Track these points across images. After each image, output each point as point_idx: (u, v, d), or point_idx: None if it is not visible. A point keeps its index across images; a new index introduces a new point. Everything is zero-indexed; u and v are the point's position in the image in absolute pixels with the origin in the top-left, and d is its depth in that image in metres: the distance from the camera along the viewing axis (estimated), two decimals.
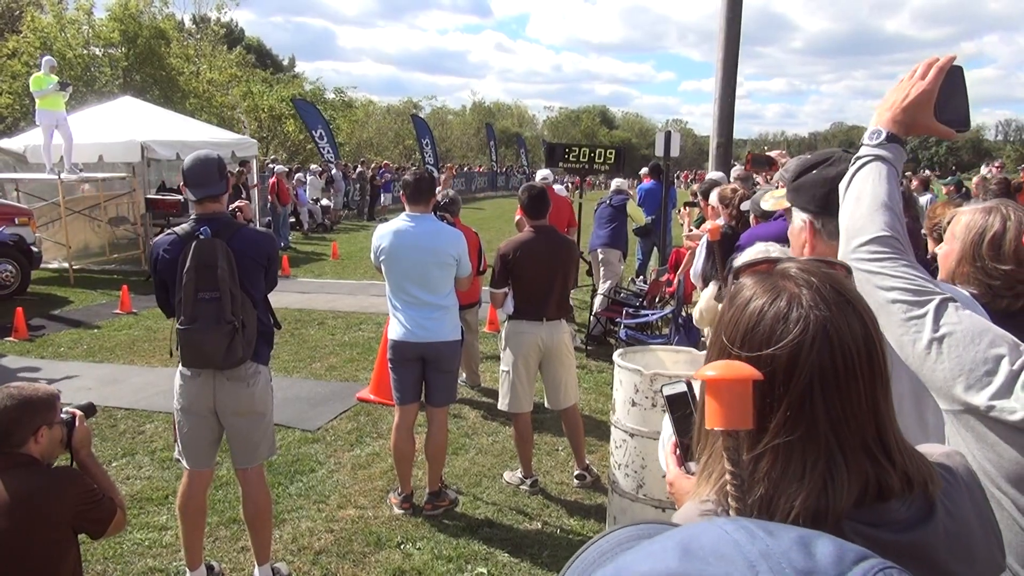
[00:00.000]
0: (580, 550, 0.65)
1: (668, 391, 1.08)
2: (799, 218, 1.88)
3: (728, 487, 0.80)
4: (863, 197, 1.50)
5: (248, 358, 3.47)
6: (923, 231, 3.92)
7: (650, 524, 0.65)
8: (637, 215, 9.59)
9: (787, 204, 1.98)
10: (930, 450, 1.01)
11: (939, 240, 2.49)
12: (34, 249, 10.99)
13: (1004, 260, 1.84)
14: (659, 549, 0.54)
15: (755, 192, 4.54)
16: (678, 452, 1.13)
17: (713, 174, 8.21)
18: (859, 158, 1.55)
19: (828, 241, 1.81)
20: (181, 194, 13.19)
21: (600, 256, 9.08)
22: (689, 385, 1.05)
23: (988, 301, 1.78)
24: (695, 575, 0.51)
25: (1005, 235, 1.85)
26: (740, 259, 3.09)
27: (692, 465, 1.10)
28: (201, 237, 3.38)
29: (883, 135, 1.53)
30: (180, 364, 3.53)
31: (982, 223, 1.89)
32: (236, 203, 10.24)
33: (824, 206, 1.79)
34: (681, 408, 1.07)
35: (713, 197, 5.14)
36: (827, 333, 0.89)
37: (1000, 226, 1.86)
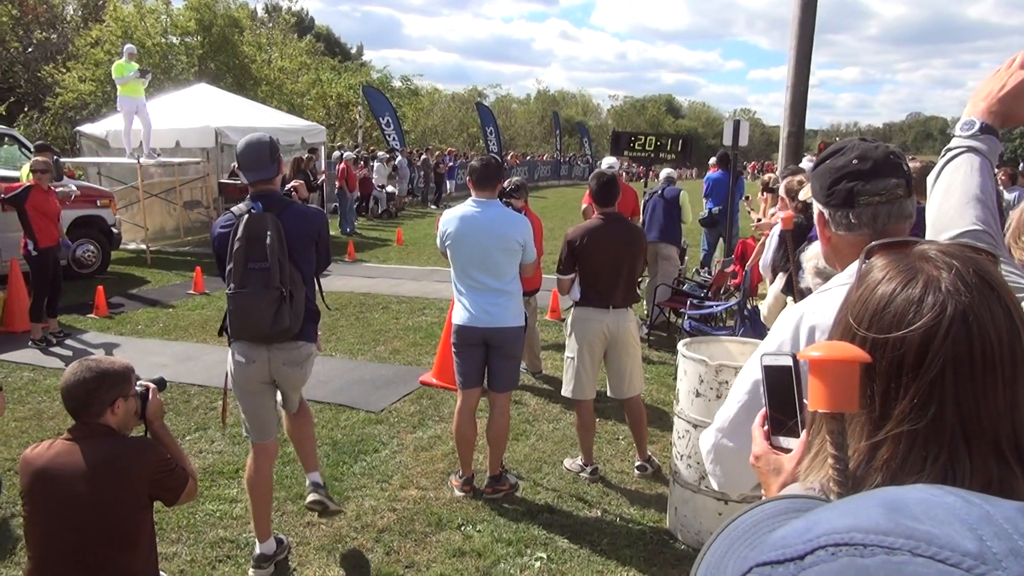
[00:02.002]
0: (719, 529, 0.62)
1: (768, 361, 1.03)
2: (816, 207, 1.84)
3: (830, 471, 0.77)
4: (953, 189, 1.43)
5: (295, 331, 3.58)
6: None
7: (799, 498, 0.61)
8: (687, 210, 8.90)
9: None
10: None
11: None
12: (114, 230, 11.44)
13: None
14: (857, 508, 0.51)
15: None
16: (767, 426, 1.08)
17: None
18: (950, 149, 1.48)
19: (836, 232, 1.74)
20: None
21: (660, 251, 8.84)
22: (795, 360, 1.00)
23: None
24: (907, 533, 0.47)
25: None
26: (805, 254, 2.99)
27: (782, 440, 1.05)
28: (253, 212, 3.54)
29: (977, 125, 1.47)
30: (232, 341, 3.67)
31: None
32: (291, 183, 10.41)
33: (829, 196, 1.70)
34: (779, 382, 1.03)
35: (782, 188, 5.02)
36: (965, 320, 0.82)
37: None
